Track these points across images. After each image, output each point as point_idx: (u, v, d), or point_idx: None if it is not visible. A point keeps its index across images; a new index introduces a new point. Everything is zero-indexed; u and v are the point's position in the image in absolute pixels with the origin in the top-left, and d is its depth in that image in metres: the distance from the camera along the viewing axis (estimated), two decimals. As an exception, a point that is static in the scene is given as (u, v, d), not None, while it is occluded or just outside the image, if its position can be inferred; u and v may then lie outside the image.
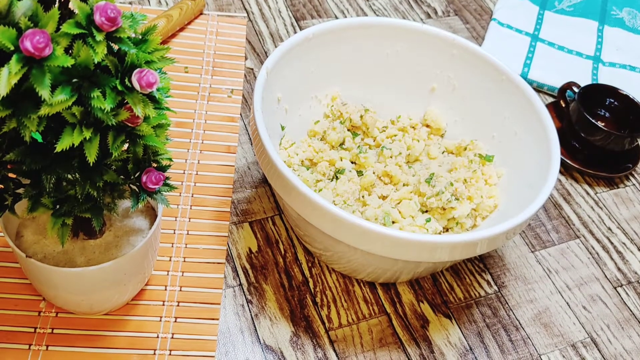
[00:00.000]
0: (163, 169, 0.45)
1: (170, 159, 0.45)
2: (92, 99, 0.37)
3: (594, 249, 0.69)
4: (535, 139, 0.61)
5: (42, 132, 0.38)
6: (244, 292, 0.59)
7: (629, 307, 0.64)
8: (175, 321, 0.55)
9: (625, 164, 0.76)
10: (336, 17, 0.68)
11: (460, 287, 0.63)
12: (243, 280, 0.60)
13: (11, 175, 0.43)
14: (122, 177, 0.43)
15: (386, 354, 0.57)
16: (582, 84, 0.78)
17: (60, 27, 0.36)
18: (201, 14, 0.84)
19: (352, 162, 0.65)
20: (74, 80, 0.37)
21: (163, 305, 0.56)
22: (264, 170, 0.54)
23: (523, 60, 0.88)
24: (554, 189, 0.74)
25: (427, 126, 0.70)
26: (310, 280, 0.61)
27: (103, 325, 0.54)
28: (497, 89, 0.65)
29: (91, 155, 0.38)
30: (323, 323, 0.58)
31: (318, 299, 0.59)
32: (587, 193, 0.74)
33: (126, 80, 0.38)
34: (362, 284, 0.61)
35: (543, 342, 0.60)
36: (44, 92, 0.34)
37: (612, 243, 0.69)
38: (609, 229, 0.71)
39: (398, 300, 0.61)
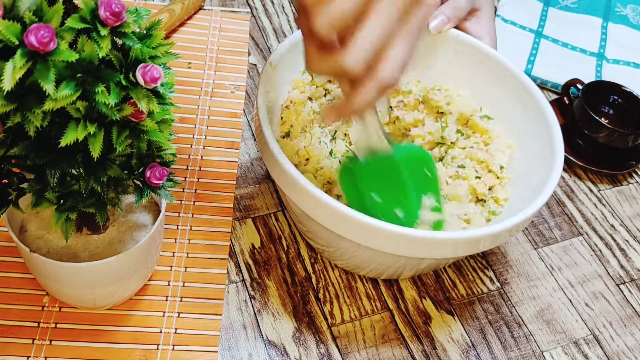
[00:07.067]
0: (167, 164, 0.45)
1: (174, 155, 0.45)
2: (96, 94, 0.37)
3: (597, 246, 0.69)
4: (539, 135, 0.61)
5: (46, 126, 0.38)
6: (246, 287, 0.59)
7: (631, 305, 0.64)
8: (178, 316, 0.55)
9: (629, 161, 0.76)
10: (340, 13, 0.68)
11: (462, 283, 0.63)
12: (246, 276, 0.60)
13: (15, 169, 0.43)
14: (125, 172, 0.43)
15: (388, 350, 0.57)
16: (586, 81, 0.78)
17: (65, 21, 0.36)
18: (201, 8, 0.84)
19: None
20: (78, 75, 0.37)
21: (166, 300, 0.56)
22: (267, 166, 0.54)
23: (527, 57, 0.88)
24: (557, 186, 0.74)
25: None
26: (313, 276, 0.61)
27: (106, 320, 0.54)
28: (501, 85, 0.65)
29: (95, 150, 0.38)
30: (325, 319, 0.58)
31: (321, 295, 0.60)
32: (591, 190, 0.74)
33: (130, 75, 0.38)
34: (364, 280, 0.61)
35: (545, 338, 0.60)
36: (49, 87, 0.34)
37: (615, 240, 0.69)
38: (612, 226, 0.71)
39: (400, 296, 0.61)
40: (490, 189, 0.62)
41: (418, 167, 0.56)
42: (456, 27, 0.68)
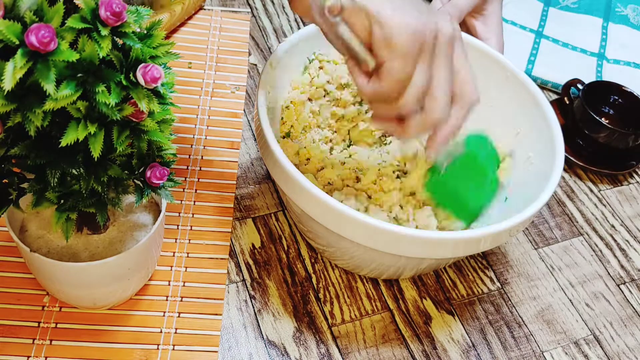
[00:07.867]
0: (167, 164, 0.45)
1: (174, 154, 0.45)
2: (96, 94, 0.37)
3: (597, 246, 0.69)
4: (540, 135, 0.61)
5: (46, 126, 0.38)
6: (247, 287, 0.59)
7: (632, 305, 0.64)
8: (179, 316, 0.55)
9: (629, 161, 0.76)
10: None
11: (463, 283, 0.63)
12: (246, 276, 0.60)
13: (16, 169, 0.43)
14: (126, 172, 0.43)
15: (389, 350, 0.57)
16: (586, 81, 0.78)
17: (66, 21, 0.36)
18: (201, 8, 0.84)
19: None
20: (79, 75, 0.37)
21: (166, 300, 0.56)
22: (268, 166, 0.54)
23: (527, 57, 0.88)
24: (558, 186, 0.74)
25: None
26: (313, 276, 0.61)
27: (107, 320, 0.54)
28: (501, 85, 0.65)
29: (96, 150, 0.38)
30: (326, 319, 0.58)
31: (321, 295, 0.60)
32: (591, 190, 0.74)
33: (131, 75, 0.38)
34: (365, 280, 0.61)
35: (546, 339, 0.60)
36: (49, 87, 0.34)
37: (615, 240, 0.69)
38: (613, 226, 0.71)
39: (401, 296, 0.61)
40: None
41: (485, 148, 0.60)
42: (462, 26, 0.68)
